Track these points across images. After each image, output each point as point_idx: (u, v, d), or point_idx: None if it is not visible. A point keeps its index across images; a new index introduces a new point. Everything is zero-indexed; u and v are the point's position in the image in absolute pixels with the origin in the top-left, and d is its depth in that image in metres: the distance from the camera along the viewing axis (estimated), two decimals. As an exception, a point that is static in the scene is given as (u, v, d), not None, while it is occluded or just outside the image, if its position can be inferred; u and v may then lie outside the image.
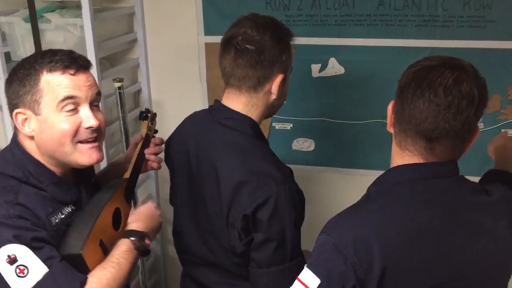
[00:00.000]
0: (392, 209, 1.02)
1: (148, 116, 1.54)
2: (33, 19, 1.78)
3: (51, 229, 1.11)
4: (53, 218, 1.13)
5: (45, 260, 1.05)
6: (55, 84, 1.12)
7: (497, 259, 1.07)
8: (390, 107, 1.10)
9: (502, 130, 1.88)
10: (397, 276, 0.96)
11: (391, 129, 1.11)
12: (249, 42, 1.25)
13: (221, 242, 1.32)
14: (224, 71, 1.31)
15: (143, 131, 1.51)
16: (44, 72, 1.12)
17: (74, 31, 1.81)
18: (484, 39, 1.78)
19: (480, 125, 1.89)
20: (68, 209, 1.18)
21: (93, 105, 1.18)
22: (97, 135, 1.18)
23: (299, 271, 1.27)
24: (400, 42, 1.84)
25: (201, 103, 2.08)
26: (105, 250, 1.17)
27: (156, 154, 1.50)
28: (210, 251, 1.37)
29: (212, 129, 1.34)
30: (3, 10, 1.92)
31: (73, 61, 1.14)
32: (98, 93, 1.20)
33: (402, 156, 1.06)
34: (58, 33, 1.82)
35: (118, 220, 1.26)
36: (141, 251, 1.22)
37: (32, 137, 1.15)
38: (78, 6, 1.71)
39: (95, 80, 1.20)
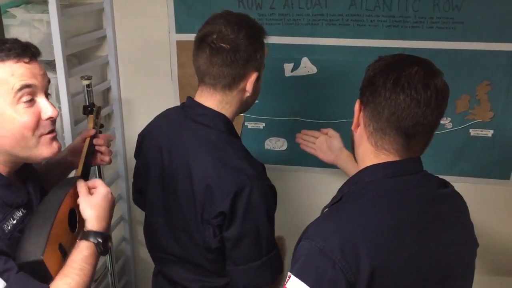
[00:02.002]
0: (372, 208, 1.02)
1: (93, 110, 1.46)
2: (-3, 14, 1.72)
3: (4, 237, 1.03)
4: (5, 225, 1.04)
5: (1, 274, 0.97)
6: (9, 73, 1.03)
7: (467, 246, 1.10)
8: (357, 107, 1.10)
9: (470, 130, 1.92)
10: (385, 274, 0.96)
11: (356, 129, 1.11)
12: (224, 41, 1.24)
13: (194, 239, 1.32)
14: (198, 69, 1.31)
15: (90, 125, 1.44)
16: None
17: (40, 27, 1.77)
18: (453, 40, 1.81)
19: (449, 125, 1.93)
20: (19, 213, 1.09)
21: (46, 94, 1.12)
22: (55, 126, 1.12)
23: (275, 263, 1.28)
24: (372, 42, 1.86)
25: (172, 101, 2.06)
26: (65, 254, 1.10)
27: (107, 146, 1.42)
28: (183, 247, 1.36)
29: (185, 126, 1.33)
30: (-35, 4, 1.86)
31: (25, 49, 1.06)
32: (49, 81, 1.13)
33: (377, 155, 1.07)
34: (23, 29, 1.77)
35: (74, 221, 1.19)
36: (102, 253, 1.14)
37: None
38: (45, 1, 1.66)
39: (45, 68, 1.13)
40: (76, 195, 1.20)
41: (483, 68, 1.83)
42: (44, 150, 1.10)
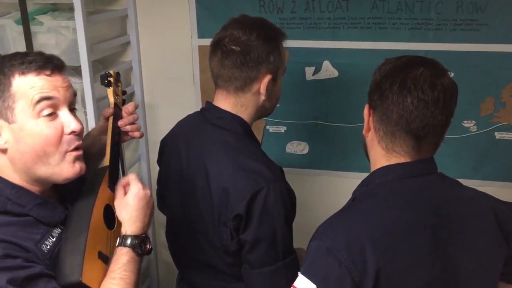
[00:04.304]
0: (380, 208, 1.02)
1: (110, 80, 1.30)
2: (25, 21, 1.77)
3: (44, 257, 0.99)
4: (43, 245, 1.00)
5: None
6: (28, 86, 0.99)
7: (484, 251, 1.08)
8: (366, 111, 1.11)
9: (495, 133, 1.89)
10: (391, 274, 0.96)
11: (367, 134, 1.11)
12: (235, 43, 1.26)
13: (213, 242, 1.32)
14: (212, 72, 1.32)
15: (111, 100, 1.31)
16: (16, 75, 0.99)
17: (67, 33, 1.81)
18: (477, 42, 1.79)
19: (473, 128, 1.90)
20: (57, 231, 1.05)
21: (71, 108, 1.06)
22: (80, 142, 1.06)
23: (291, 269, 1.28)
24: (394, 45, 1.84)
25: (194, 106, 2.07)
26: (106, 259, 1.06)
27: (132, 123, 1.32)
28: (202, 251, 1.36)
29: (203, 129, 1.34)
30: (-6, 12, 1.91)
31: (48, 61, 1.02)
32: (75, 94, 1.08)
33: (388, 158, 1.07)
34: (50, 36, 1.81)
35: (111, 216, 1.13)
36: (141, 255, 1.09)
37: (4, 151, 1.01)
38: (71, 9, 1.71)
39: (70, 81, 1.08)
40: (106, 188, 1.16)
41: (508, 70, 1.80)
42: (66, 169, 1.03)
